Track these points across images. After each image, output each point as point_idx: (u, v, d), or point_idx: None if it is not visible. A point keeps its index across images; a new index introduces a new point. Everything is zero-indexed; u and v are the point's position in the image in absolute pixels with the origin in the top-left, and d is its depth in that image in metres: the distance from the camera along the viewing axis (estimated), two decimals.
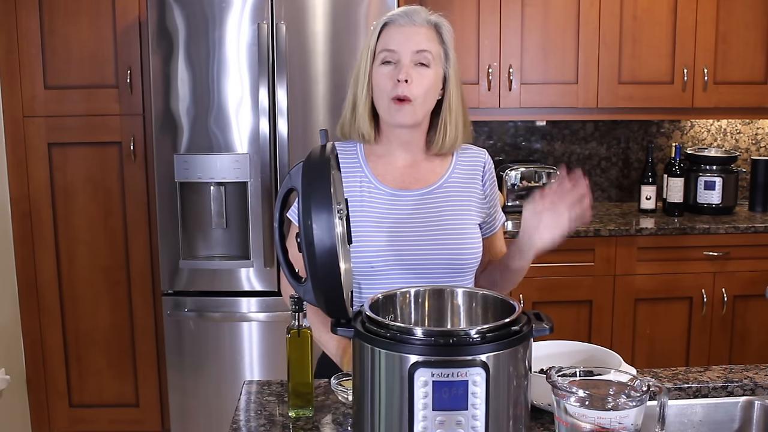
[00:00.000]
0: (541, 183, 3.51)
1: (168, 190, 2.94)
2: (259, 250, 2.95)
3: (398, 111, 1.57)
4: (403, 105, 1.57)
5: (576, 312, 3.25)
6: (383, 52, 1.58)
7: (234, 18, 2.85)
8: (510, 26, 3.35)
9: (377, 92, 1.60)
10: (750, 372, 1.54)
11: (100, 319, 3.29)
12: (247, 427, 1.35)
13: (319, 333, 1.62)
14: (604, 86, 3.40)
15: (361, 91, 1.62)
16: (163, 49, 2.86)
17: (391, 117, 1.59)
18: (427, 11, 1.63)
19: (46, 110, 3.15)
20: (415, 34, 1.58)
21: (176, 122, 2.90)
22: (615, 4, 3.34)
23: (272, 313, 2.99)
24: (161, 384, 3.30)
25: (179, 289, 3.00)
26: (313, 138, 2.90)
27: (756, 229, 3.25)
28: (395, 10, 1.63)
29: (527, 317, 1.14)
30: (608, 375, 1.20)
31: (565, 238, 1.52)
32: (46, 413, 3.35)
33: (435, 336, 1.05)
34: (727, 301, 3.28)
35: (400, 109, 1.57)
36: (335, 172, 1.21)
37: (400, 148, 1.67)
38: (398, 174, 1.67)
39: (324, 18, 2.86)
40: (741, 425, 1.45)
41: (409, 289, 1.30)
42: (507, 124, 3.74)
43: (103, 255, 3.25)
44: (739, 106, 3.48)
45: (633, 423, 1.12)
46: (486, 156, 1.74)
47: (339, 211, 1.21)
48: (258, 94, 2.86)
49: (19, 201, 3.20)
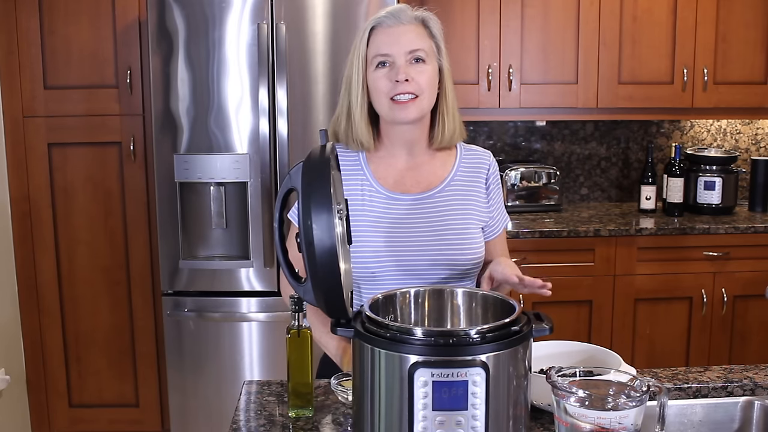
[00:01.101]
0: (541, 183, 3.51)
1: (168, 190, 2.94)
2: (259, 250, 2.95)
3: (402, 109, 1.56)
4: (408, 103, 1.56)
5: (576, 312, 3.25)
6: (376, 57, 1.57)
7: (234, 18, 2.85)
8: (510, 26, 3.35)
9: (375, 95, 1.59)
10: (750, 372, 1.54)
11: (100, 320, 3.29)
12: (247, 427, 1.35)
13: (319, 334, 1.62)
14: (604, 86, 3.40)
15: (356, 98, 1.60)
16: (163, 49, 2.86)
17: (394, 115, 1.58)
18: (411, 8, 1.61)
19: (46, 110, 3.15)
20: (405, 34, 1.57)
21: (176, 122, 2.90)
22: (615, 4, 3.34)
23: (272, 313, 2.99)
24: (161, 384, 3.30)
25: (179, 289, 3.00)
26: (313, 138, 2.90)
27: (756, 229, 3.25)
28: (380, 12, 1.61)
29: (527, 317, 1.14)
30: (608, 375, 1.20)
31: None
32: (46, 413, 3.35)
33: (435, 336, 1.05)
34: (727, 301, 3.28)
35: (403, 107, 1.56)
36: (335, 172, 1.21)
37: (402, 149, 1.66)
38: (399, 176, 1.66)
39: (324, 18, 2.86)
40: (741, 425, 1.45)
41: (409, 290, 1.30)
42: (507, 124, 3.74)
43: (103, 255, 3.25)
44: (739, 106, 3.48)
45: (633, 423, 1.12)
46: (491, 158, 1.73)
47: (339, 211, 1.21)
48: (258, 94, 2.86)
49: (19, 201, 3.20)
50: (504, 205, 1.76)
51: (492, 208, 1.70)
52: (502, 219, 1.74)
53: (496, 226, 1.71)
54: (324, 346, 1.65)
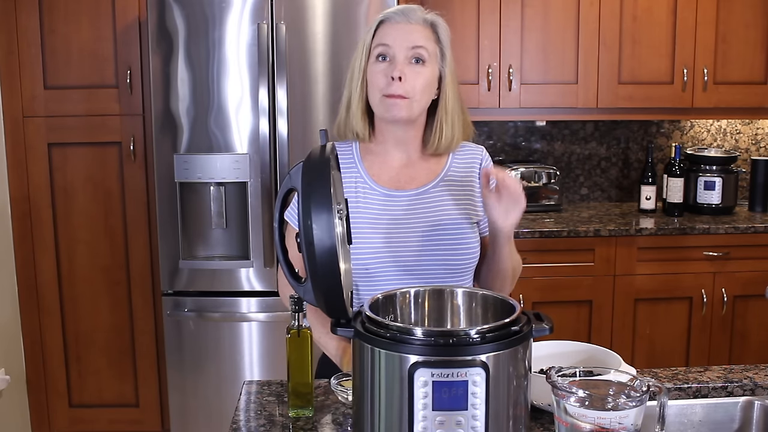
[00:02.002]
0: (541, 183, 3.51)
1: (168, 190, 2.94)
2: (259, 250, 2.95)
3: (392, 105, 1.56)
4: (397, 100, 1.56)
5: (576, 312, 3.25)
6: (378, 46, 1.58)
7: (234, 18, 2.85)
8: (510, 26, 3.35)
9: (371, 89, 1.59)
10: (750, 372, 1.54)
11: (100, 319, 3.29)
12: (247, 427, 1.35)
13: (319, 334, 1.62)
14: (604, 86, 3.40)
15: (356, 88, 1.61)
16: (163, 49, 2.86)
17: (384, 111, 1.58)
18: (423, 10, 1.62)
19: (46, 110, 3.15)
20: (411, 32, 1.58)
21: (176, 122, 2.90)
22: (615, 4, 3.34)
23: (272, 313, 2.99)
24: (161, 384, 3.30)
25: (179, 289, 3.00)
26: (313, 138, 2.90)
27: (756, 229, 3.25)
28: (392, 8, 1.62)
29: (527, 317, 1.14)
30: (608, 375, 1.20)
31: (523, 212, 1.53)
32: (46, 413, 3.35)
33: (435, 336, 1.05)
34: (727, 301, 3.28)
35: (394, 103, 1.56)
36: (335, 172, 1.21)
37: (395, 147, 1.66)
38: (394, 173, 1.66)
39: (324, 18, 2.86)
40: (741, 425, 1.45)
41: (408, 290, 1.29)
42: (507, 124, 3.74)
43: (103, 255, 3.24)
44: (739, 106, 3.48)
45: (633, 423, 1.12)
46: (483, 153, 1.72)
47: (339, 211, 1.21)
48: (258, 94, 2.86)
49: (19, 201, 3.20)
50: None
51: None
52: None
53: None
54: (323, 347, 1.65)
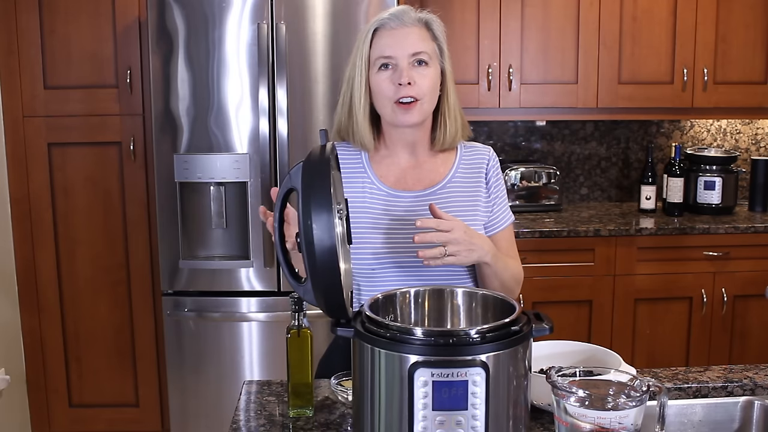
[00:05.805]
0: (541, 183, 3.51)
1: (168, 190, 2.94)
2: (258, 250, 2.95)
3: (405, 113, 1.57)
4: (410, 107, 1.57)
5: (576, 312, 3.25)
6: (379, 59, 1.58)
7: (234, 18, 2.85)
8: (510, 26, 3.35)
9: (378, 98, 1.59)
10: (750, 372, 1.54)
11: (99, 319, 3.29)
12: (247, 427, 1.35)
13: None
14: (604, 86, 3.40)
15: (358, 100, 1.61)
16: (163, 49, 2.86)
17: (397, 119, 1.59)
18: (414, 10, 1.62)
19: (45, 110, 3.15)
20: (408, 36, 1.58)
21: (176, 122, 2.90)
22: (615, 4, 3.34)
23: (272, 313, 2.99)
24: (161, 384, 3.30)
25: (179, 289, 3.00)
26: (313, 138, 2.90)
27: (756, 229, 3.25)
28: (383, 13, 1.61)
29: (527, 317, 1.14)
30: (608, 375, 1.20)
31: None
32: (45, 413, 3.35)
33: (435, 336, 1.05)
34: (727, 301, 3.28)
35: (406, 111, 1.57)
36: (335, 172, 1.21)
37: (404, 150, 1.67)
38: (401, 174, 1.66)
39: (324, 18, 2.86)
40: (741, 425, 1.45)
41: (409, 290, 1.30)
42: (507, 124, 3.74)
43: (102, 255, 3.24)
44: (739, 106, 3.48)
45: (633, 423, 1.12)
46: (490, 153, 1.72)
47: (339, 211, 1.21)
48: (258, 94, 2.86)
49: (19, 201, 3.20)
50: (507, 205, 1.74)
51: (493, 203, 1.69)
52: (505, 214, 1.71)
53: (498, 221, 1.69)
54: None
